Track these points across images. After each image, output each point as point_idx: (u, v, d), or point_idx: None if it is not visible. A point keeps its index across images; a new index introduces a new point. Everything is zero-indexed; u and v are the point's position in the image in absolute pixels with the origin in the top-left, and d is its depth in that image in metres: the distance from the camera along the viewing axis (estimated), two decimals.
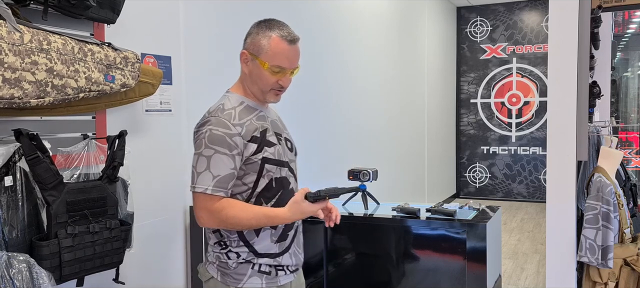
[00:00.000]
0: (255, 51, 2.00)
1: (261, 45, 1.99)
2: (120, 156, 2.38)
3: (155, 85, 2.66)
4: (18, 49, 1.87)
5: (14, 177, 2.03)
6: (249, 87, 2.06)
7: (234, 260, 2.00)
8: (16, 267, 1.92)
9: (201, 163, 1.90)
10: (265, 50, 1.98)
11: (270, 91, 2.04)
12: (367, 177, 3.26)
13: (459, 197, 10.08)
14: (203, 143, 1.91)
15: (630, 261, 3.15)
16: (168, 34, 3.11)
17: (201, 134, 1.93)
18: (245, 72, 2.05)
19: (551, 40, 3.12)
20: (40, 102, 2.00)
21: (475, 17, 9.87)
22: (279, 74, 2.01)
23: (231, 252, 2.01)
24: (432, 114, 8.65)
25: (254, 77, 2.02)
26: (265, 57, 1.98)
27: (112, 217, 2.31)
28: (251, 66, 2.02)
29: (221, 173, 1.90)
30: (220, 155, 1.90)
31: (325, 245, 3.14)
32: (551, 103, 3.13)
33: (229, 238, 2.01)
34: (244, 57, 2.04)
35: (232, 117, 1.95)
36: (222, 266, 2.02)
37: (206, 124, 1.94)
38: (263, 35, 1.99)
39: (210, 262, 2.06)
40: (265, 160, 1.99)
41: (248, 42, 2.03)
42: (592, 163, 3.54)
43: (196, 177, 1.91)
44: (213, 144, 1.90)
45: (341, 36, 5.48)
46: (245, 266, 2.00)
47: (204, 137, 1.91)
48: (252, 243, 2.01)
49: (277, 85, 2.03)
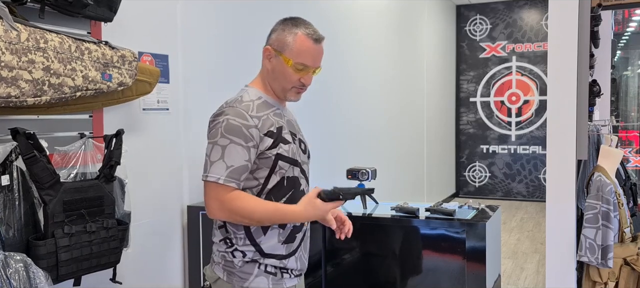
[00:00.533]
0: (280, 47, 1.98)
1: (286, 42, 1.98)
2: (117, 155, 2.37)
3: (152, 84, 2.65)
4: (15, 47, 1.86)
5: (11, 176, 2.03)
6: (270, 84, 2.03)
7: (239, 259, 1.96)
8: (13, 267, 1.91)
9: (216, 152, 1.87)
10: (290, 47, 1.97)
11: (292, 89, 2.03)
12: (366, 176, 3.25)
13: (458, 196, 10.08)
14: (219, 132, 1.88)
15: (630, 260, 3.14)
16: (165, 33, 3.10)
17: (217, 123, 1.89)
18: (268, 68, 2.02)
19: (551, 39, 3.11)
20: (37, 100, 1.99)
21: (475, 16, 9.86)
22: (302, 72, 1.99)
23: (237, 251, 1.96)
24: (431, 112, 8.64)
25: (277, 74, 2.00)
26: (289, 54, 1.97)
27: (109, 217, 2.30)
28: (275, 62, 2.00)
29: (235, 163, 1.86)
30: (235, 145, 1.87)
31: (324, 244, 3.13)
32: (551, 102, 3.12)
33: (236, 236, 1.96)
34: (267, 53, 2.02)
35: (249, 109, 1.93)
36: (228, 266, 1.97)
37: (223, 113, 1.90)
38: (289, 32, 1.99)
39: (216, 262, 2.01)
40: (279, 157, 1.95)
41: (273, 38, 2.01)
42: (592, 163, 3.53)
43: (209, 165, 1.87)
44: (229, 134, 1.87)
45: (340, 35, 5.46)
46: (251, 265, 1.96)
47: (221, 126, 1.88)
48: (258, 242, 1.96)
49: (299, 83, 2.02)
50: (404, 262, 3.03)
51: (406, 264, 3.03)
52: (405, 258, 3.03)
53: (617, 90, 8.82)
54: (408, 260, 3.02)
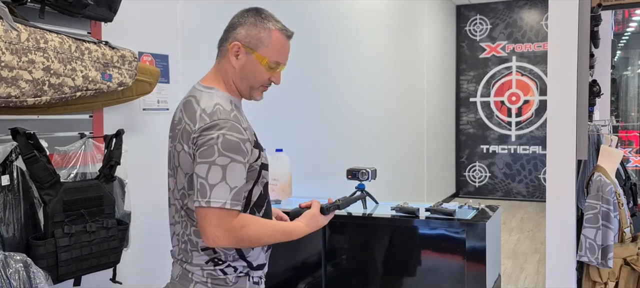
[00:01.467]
0: (253, 45, 1.83)
1: (260, 38, 1.83)
2: (117, 155, 2.37)
3: (152, 84, 2.65)
4: (15, 47, 1.86)
5: (11, 176, 2.03)
6: (236, 83, 1.88)
7: (232, 275, 1.85)
8: (13, 267, 1.91)
9: (215, 173, 1.66)
10: (266, 44, 1.83)
11: (259, 88, 1.90)
12: (366, 176, 3.25)
13: (458, 196, 10.08)
14: (215, 150, 1.67)
15: (630, 260, 3.14)
16: (165, 33, 3.09)
17: (211, 139, 1.68)
18: (234, 66, 1.85)
19: (551, 39, 3.11)
20: (37, 100, 1.98)
21: (475, 16, 9.86)
22: (273, 71, 1.87)
23: (229, 267, 1.85)
24: (431, 112, 8.64)
25: (246, 72, 1.85)
26: (264, 52, 1.84)
27: (109, 217, 2.30)
28: (244, 60, 1.84)
29: (237, 184, 1.69)
30: (236, 163, 1.69)
31: (324, 245, 3.13)
32: (551, 102, 3.12)
33: (226, 254, 1.84)
34: (235, 49, 1.85)
35: (238, 120, 1.76)
36: (218, 283, 1.84)
37: (215, 127, 1.70)
38: (262, 27, 1.84)
39: (197, 281, 1.84)
40: (262, 167, 1.87)
41: (242, 34, 1.84)
42: (592, 163, 3.53)
43: (209, 190, 1.66)
44: (228, 152, 1.68)
45: (340, 35, 5.47)
46: (243, 279, 1.89)
47: (216, 144, 1.67)
48: (248, 257, 1.89)
49: (267, 82, 1.90)
50: (404, 262, 3.03)
51: (406, 264, 3.03)
52: (405, 258, 3.03)
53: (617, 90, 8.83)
54: (408, 260, 3.02)
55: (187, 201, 1.83)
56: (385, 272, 3.06)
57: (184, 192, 1.83)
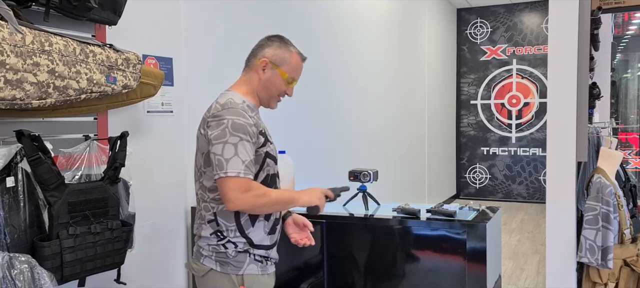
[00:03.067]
0: (278, 62, 2.22)
1: (284, 58, 2.23)
2: (121, 157, 2.39)
3: (156, 87, 2.67)
4: (20, 50, 1.87)
5: (16, 178, 2.04)
6: (259, 92, 2.24)
7: (232, 250, 2.13)
8: (18, 268, 1.93)
9: (228, 150, 2.01)
10: (288, 62, 2.23)
11: (276, 98, 2.27)
12: (367, 177, 3.27)
13: (459, 197, 10.08)
14: (227, 132, 2.02)
15: (630, 262, 3.15)
16: (169, 36, 3.11)
17: (222, 123, 2.04)
18: (261, 78, 2.22)
19: (551, 42, 3.12)
20: (42, 103, 2.00)
21: (475, 19, 9.88)
22: (290, 85, 2.27)
23: (229, 243, 2.13)
24: (432, 115, 8.65)
25: (269, 84, 2.22)
26: (286, 69, 2.23)
27: (113, 218, 2.32)
28: (269, 74, 2.22)
29: (248, 158, 2.03)
30: (244, 142, 2.03)
31: (326, 245, 3.15)
32: (551, 104, 3.13)
33: (227, 229, 2.13)
34: (263, 64, 2.21)
35: (244, 109, 2.11)
36: (220, 257, 2.14)
37: (224, 114, 2.05)
38: (285, 49, 2.24)
39: (206, 255, 2.16)
40: (267, 155, 2.18)
41: (269, 53, 2.22)
42: (592, 164, 3.54)
43: (226, 163, 2.00)
44: (237, 132, 2.03)
45: (342, 38, 5.48)
46: (243, 255, 2.15)
47: (227, 126, 2.03)
48: (248, 234, 2.15)
49: (283, 94, 2.29)
50: (405, 262, 3.04)
51: (407, 265, 3.04)
52: (406, 259, 3.04)
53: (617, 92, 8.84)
54: (409, 260, 3.03)
55: (202, 179, 2.16)
56: (386, 272, 3.07)
57: (201, 170, 2.16)
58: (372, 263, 3.11)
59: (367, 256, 3.12)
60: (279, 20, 4.26)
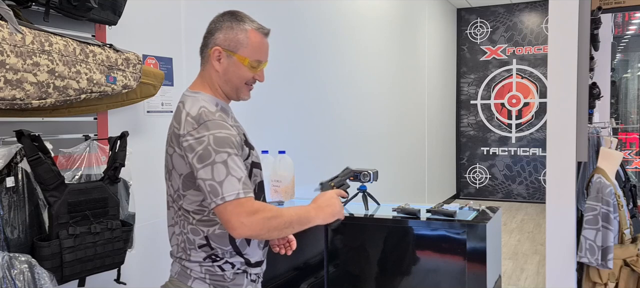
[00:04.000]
0: (232, 47, 1.87)
1: (239, 40, 1.86)
2: (121, 157, 2.38)
3: (156, 87, 2.67)
4: (20, 50, 1.88)
5: (16, 177, 2.04)
6: (221, 86, 1.91)
7: (230, 271, 1.88)
8: (18, 268, 1.93)
9: (219, 171, 1.68)
10: (245, 44, 1.87)
11: (245, 87, 1.93)
12: (367, 177, 3.27)
13: (459, 197, 10.09)
14: (211, 151, 1.69)
15: (630, 262, 3.15)
16: (169, 36, 3.11)
17: (203, 141, 1.71)
18: (218, 70, 1.88)
19: (551, 42, 3.12)
20: (42, 103, 2.00)
21: (475, 19, 9.88)
22: (256, 69, 1.90)
23: (227, 263, 1.87)
24: (432, 115, 8.66)
25: (230, 75, 1.89)
26: (245, 52, 1.87)
27: (113, 218, 2.32)
28: (226, 63, 1.88)
29: (242, 175, 1.70)
30: (233, 156, 1.71)
31: (326, 245, 3.15)
32: (551, 104, 3.13)
33: (222, 250, 1.86)
34: (216, 54, 1.87)
35: (222, 118, 1.79)
36: (216, 280, 1.87)
37: (202, 129, 1.73)
38: (239, 29, 1.87)
39: (195, 277, 1.87)
40: (253, 165, 1.91)
41: (220, 38, 1.88)
42: (592, 164, 3.55)
43: (220, 187, 1.67)
44: (222, 148, 1.70)
45: (341, 38, 5.48)
46: (241, 276, 1.91)
47: (209, 144, 1.70)
48: (244, 254, 1.90)
49: (252, 81, 1.93)
50: (405, 262, 3.04)
51: (407, 265, 3.04)
52: (406, 259, 3.04)
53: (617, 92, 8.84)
54: (409, 260, 3.04)
55: (182, 202, 1.85)
56: (386, 272, 3.07)
57: (179, 193, 1.85)
58: (372, 263, 3.11)
59: (367, 256, 3.12)
60: (278, 20, 4.26)
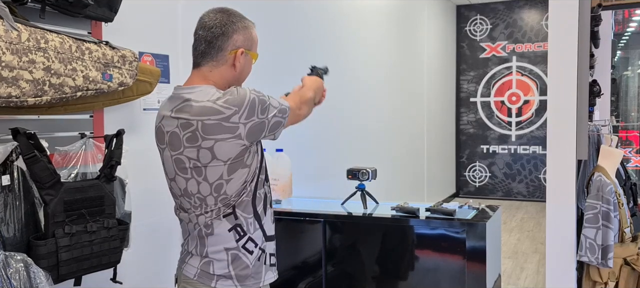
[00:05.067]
0: (248, 46, 1.97)
1: (253, 38, 1.99)
2: (117, 155, 2.37)
3: (153, 84, 2.65)
4: (15, 47, 1.86)
5: (11, 176, 2.03)
6: (230, 83, 1.97)
7: (254, 255, 1.95)
8: (13, 267, 1.92)
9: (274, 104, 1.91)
10: (255, 41, 2.00)
11: None
12: (366, 176, 3.25)
13: (458, 196, 10.08)
14: (261, 100, 1.86)
15: (631, 260, 3.14)
16: (166, 33, 3.10)
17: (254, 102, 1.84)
18: (237, 69, 1.96)
19: (551, 39, 3.11)
20: (38, 100, 1.99)
21: (475, 16, 9.87)
22: None
23: (250, 241, 1.94)
24: (431, 112, 8.64)
25: (244, 73, 2.01)
26: (255, 49, 2.01)
27: (109, 216, 2.30)
28: (243, 62, 1.96)
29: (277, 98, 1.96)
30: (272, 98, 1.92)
31: (324, 244, 3.14)
32: (551, 102, 3.12)
33: (247, 222, 1.93)
34: (238, 55, 1.94)
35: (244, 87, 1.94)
36: (240, 268, 1.92)
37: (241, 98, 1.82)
38: (250, 28, 1.99)
39: (220, 274, 1.91)
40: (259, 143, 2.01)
41: (240, 40, 1.94)
42: (592, 163, 3.53)
43: (277, 106, 1.91)
44: (261, 95, 1.87)
45: (341, 35, 5.47)
46: (260, 263, 1.98)
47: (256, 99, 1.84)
48: (263, 225, 1.98)
49: None
50: (404, 261, 3.03)
51: (406, 264, 3.03)
52: (405, 258, 3.03)
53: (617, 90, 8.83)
54: (408, 259, 3.02)
55: (226, 187, 1.87)
56: (386, 271, 3.06)
57: (221, 181, 1.87)
58: (371, 262, 3.10)
59: (366, 255, 3.11)
60: (277, 18, 4.24)
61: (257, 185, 1.96)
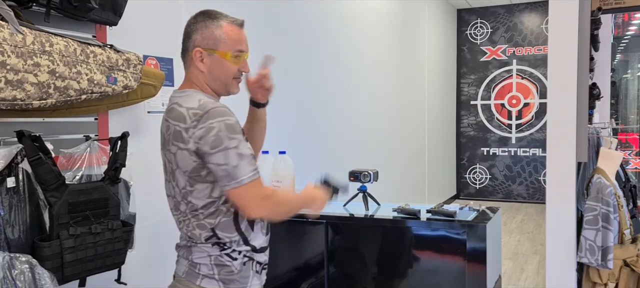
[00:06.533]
0: (212, 45, 1.90)
1: (216, 37, 1.90)
2: (122, 157, 2.39)
3: (157, 87, 2.67)
4: (20, 50, 1.88)
5: (17, 178, 2.04)
6: (209, 85, 1.94)
7: (239, 261, 1.92)
8: (18, 268, 1.93)
9: (232, 156, 1.77)
10: (222, 40, 1.90)
11: (233, 81, 1.96)
12: (367, 178, 3.27)
13: (459, 198, 10.09)
14: (222, 137, 1.76)
15: (630, 262, 3.16)
16: (170, 36, 3.11)
17: (212, 129, 1.76)
18: (203, 70, 1.92)
19: (551, 42, 3.13)
20: (43, 103, 2.00)
21: (475, 19, 9.89)
22: (239, 61, 1.94)
23: (234, 251, 1.92)
24: (432, 115, 8.66)
25: (216, 73, 1.92)
26: (224, 48, 1.90)
27: (114, 218, 2.32)
28: (209, 62, 1.91)
29: (250, 154, 1.82)
30: (242, 141, 1.81)
31: (326, 245, 3.15)
32: (551, 104, 3.14)
33: (230, 240, 1.91)
34: (198, 55, 1.91)
35: (224, 106, 1.86)
36: (224, 272, 1.91)
37: (210, 118, 1.78)
38: (214, 26, 1.91)
39: (204, 274, 1.91)
40: None
41: (198, 39, 1.91)
42: (592, 165, 3.55)
43: (236, 171, 1.77)
44: (232, 133, 1.78)
45: (342, 39, 5.48)
46: (247, 268, 1.95)
47: (221, 130, 1.76)
48: (250, 240, 1.95)
49: (238, 74, 1.96)
50: (405, 263, 3.04)
51: (407, 265, 3.04)
52: (406, 259, 3.04)
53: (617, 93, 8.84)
54: (409, 261, 3.04)
55: (190, 198, 1.88)
56: (387, 272, 3.07)
57: (186, 190, 1.88)
58: (373, 263, 3.11)
59: (368, 256, 3.13)
60: (278, 21, 4.26)
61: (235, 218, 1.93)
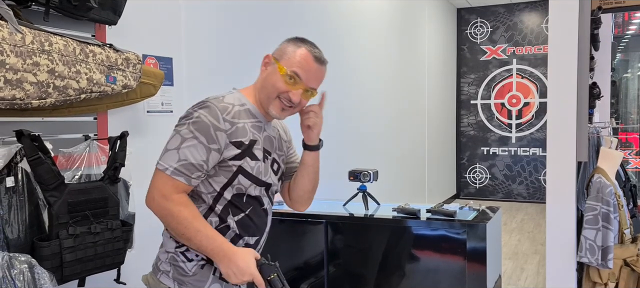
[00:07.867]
0: (278, 56, 1.91)
1: (286, 51, 1.89)
2: (121, 157, 2.38)
3: (156, 86, 2.66)
4: (20, 50, 1.88)
5: (16, 177, 2.04)
6: (259, 92, 1.93)
7: (194, 263, 1.84)
8: (18, 268, 1.93)
9: (174, 141, 1.78)
10: (288, 56, 1.88)
11: (276, 100, 1.89)
12: (367, 177, 3.27)
13: (459, 197, 10.09)
14: (186, 123, 1.78)
15: (630, 261, 3.15)
16: (169, 36, 3.11)
17: (190, 115, 1.80)
18: (263, 75, 1.93)
19: (551, 42, 3.12)
20: (42, 103, 2.00)
21: (476, 19, 9.88)
22: (291, 85, 1.86)
23: (190, 251, 1.84)
24: (432, 114, 8.66)
25: (267, 82, 1.89)
26: (285, 63, 1.87)
27: (113, 218, 2.32)
28: (270, 70, 1.90)
29: (191, 160, 1.75)
30: (197, 142, 1.75)
31: (326, 245, 3.15)
32: (551, 104, 3.13)
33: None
34: (266, 59, 1.94)
35: (226, 111, 1.82)
36: (178, 272, 1.85)
37: (199, 108, 1.81)
38: (293, 45, 1.91)
39: (163, 271, 1.87)
40: (240, 171, 1.84)
41: (276, 49, 1.95)
42: (592, 164, 3.55)
43: (165, 153, 1.78)
44: (195, 128, 1.77)
45: (342, 37, 5.48)
46: (206, 271, 1.85)
47: (191, 119, 1.78)
48: None
49: (285, 97, 1.88)
50: (405, 262, 3.04)
51: (407, 265, 3.04)
52: (406, 259, 3.04)
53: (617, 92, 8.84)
54: (409, 260, 3.04)
55: None
56: (387, 272, 3.07)
57: None
58: (373, 263, 3.11)
59: (368, 256, 3.12)
60: (278, 20, 4.26)
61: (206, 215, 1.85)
